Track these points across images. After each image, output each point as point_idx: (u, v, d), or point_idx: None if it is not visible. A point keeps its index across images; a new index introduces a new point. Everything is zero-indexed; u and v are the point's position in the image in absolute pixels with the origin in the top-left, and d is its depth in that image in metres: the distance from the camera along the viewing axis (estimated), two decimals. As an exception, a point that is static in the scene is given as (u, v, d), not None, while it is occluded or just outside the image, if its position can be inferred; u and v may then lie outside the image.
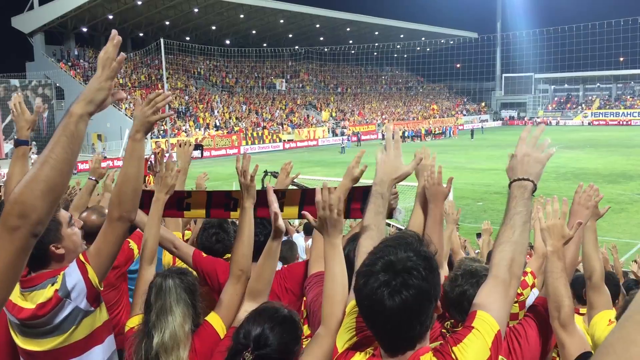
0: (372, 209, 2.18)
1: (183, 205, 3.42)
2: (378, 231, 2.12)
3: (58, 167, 1.57)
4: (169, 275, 2.54)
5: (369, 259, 1.69)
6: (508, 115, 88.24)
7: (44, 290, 2.53)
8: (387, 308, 1.58)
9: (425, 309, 1.63)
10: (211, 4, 56.17)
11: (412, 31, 78.16)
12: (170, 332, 2.41)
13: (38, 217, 1.53)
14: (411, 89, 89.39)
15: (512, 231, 1.89)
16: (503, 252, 1.88)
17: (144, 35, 62.46)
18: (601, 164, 34.16)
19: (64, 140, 1.62)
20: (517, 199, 1.94)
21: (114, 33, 1.87)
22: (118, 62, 1.84)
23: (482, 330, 1.68)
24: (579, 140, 50.88)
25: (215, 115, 55.90)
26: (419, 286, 1.59)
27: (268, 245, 2.73)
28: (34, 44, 55.10)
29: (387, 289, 1.58)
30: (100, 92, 1.78)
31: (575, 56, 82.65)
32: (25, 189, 1.52)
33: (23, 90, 45.42)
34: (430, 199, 2.95)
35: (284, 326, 2.16)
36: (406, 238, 1.71)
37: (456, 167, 33.59)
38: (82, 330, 2.63)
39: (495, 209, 21.09)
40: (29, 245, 1.55)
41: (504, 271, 1.84)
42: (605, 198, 15.32)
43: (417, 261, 1.62)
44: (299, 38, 73.81)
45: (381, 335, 1.69)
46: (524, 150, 2.01)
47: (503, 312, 1.78)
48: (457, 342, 1.66)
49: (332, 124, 62.04)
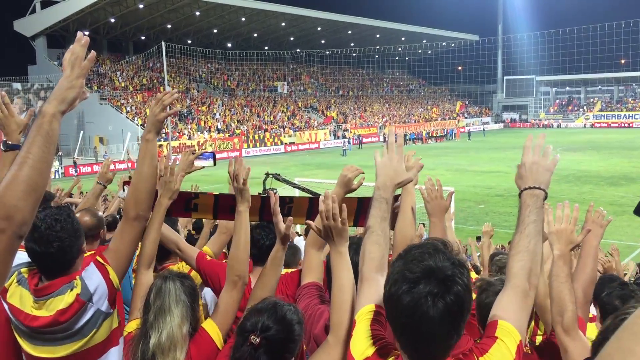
0: (377, 214, 2.10)
1: (191, 206, 3.44)
2: (384, 237, 2.08)
3: (37, 167, 1.58)
4: (170, 278, 2.52)
5: (404, 266, 1.63)
6: (510, 118, 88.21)
7: (63, 296, 2.49)
8: (430, 317, 1.54)
9: (464, 318, 1.61)
10: (213, 7, 56.28)
11: (414, 34, 78.24)
12: (168, 333, 2.38)
13: (22, 218, 1.52)
14: (413, 92, 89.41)
15: (528, 240, 1.87)
16: (521, 261, 1.85)
17: (146, 38, 62.57)
18: (603, 167, 34.11)
19: (40, 140, 1.62)
20: (530, 207, 1.92)
21: (79, 35, 1.89)
22: (89, 61, 1.86)
23: (506, 340, 1.67)
24: (581, 142, 50.83)
25: (217, 118, 55.94)
26: (461, 295, 1.57)
27: (274, 252, 2.71)
28: (36, 47, 55.28)
29: (431, 298, 1.54)
30: (71, 91, 1.80)
31: (576, 58, 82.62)
32: (6, 190, 1.52)
33: (25, 94, 45.49)
34: (431, 212, 2.97)
35: (287, 313, 2.15)
36: (436, 245, 1.67)
37: (457, 170, 33.59)
38: (102, 333, 2.60)
39: (497, 212, 21.08)
40: (15, 247, 1.55)
41: (524, 281, 1.83)
42: (607, 200, 15.38)
43: (456, 269, 1.59)
44: (301, 41, 73.87)
45: (414, 345, 1.63)
46: (531, 159, 2.01)
47: (523, 322, 1.78)
48: (482, 352, 1.65)
49: (334, 126, 62.05)
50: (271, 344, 2.07)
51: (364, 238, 2.12)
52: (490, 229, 7.13)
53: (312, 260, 2.72)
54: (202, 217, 3.65)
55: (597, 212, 2.92)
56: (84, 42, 1.86)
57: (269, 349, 2.06)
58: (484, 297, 2.65)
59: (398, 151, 2.23)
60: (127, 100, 52.47)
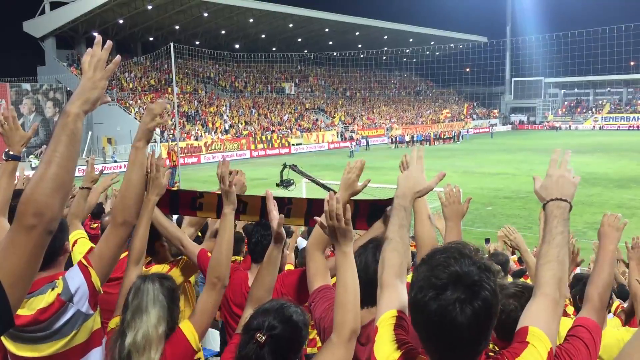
0: (396, 222, 2.13)
1: (196, 205, 3.50)
2: (403, 244, 2.10)
3: (64, 165, 1.64)
4: (149, 278, 2.56)
5: (429, 272, 1.62)
6: (518, 120, 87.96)
7: (44, 295, 2.53)
8: (458, 323, 1.54)
9: (492, 324, 1.62)
10: (221, 8, 56.42)
11: (422, 35, 78.11)
12: (143, 332, 2.41)
13: (52, 214, 1.59)
14: (420, 93, 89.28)
15: (557, 250, 1.89)
16: (551, 270, 1.87)
17: (154, 39, 62.81)
18: (612, 169, 33.91)
19: (65, 139, 1.68)
20: (557, 218, 1.95)
21: (98, 37, 1.94)
22: (114, 64, 1.92)
23: (537, 345, 1.68)
24: (589, 144, 50.55)
25: (225, 119, 56.08)
26: (489, 300, 1.57)
27: (269, 251, 2.74)
28: (45, 48, 55.57)
29: (459, 304, 1.54)
30: (94, 92, 1.84)
31: (585, 60, 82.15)
32: (36, 188, 1.59)
33: (34, 94, 45.74)
34: (448, 216, 2.99)
35: (293, 314, 2.18)
36: (460, 249, 1.66)
37: (465, 172, 33.50)
38: (82, 334, 2.64)
39: (504, 214, 20.99)
40: (45, 243, 1.61)
41: (554, 290, 1.84)
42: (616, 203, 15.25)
43: (483, 274, 1.59)
44: (308, 42, 73.95)
45: (442, 351, 1.63)
46: (559, 172, 2.05)
47: (554, 330, 1.78)
48: (514, 356, 1.66)
49: (341, 128, 62.06)
50: (277, 343, 2.09)
51: (383, 245, 2.14)
52: (503, 235, 6.99)
53: (318, 262, 2.72)
54: (207, 216, 3.70)
55: (612, 216, 2.90)
56: (107, 46, 1.92)
57: (274, 348, 2.08)
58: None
59: (419, 162, 2.29)
60: (136, 101, 52.68)
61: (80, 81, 1.86)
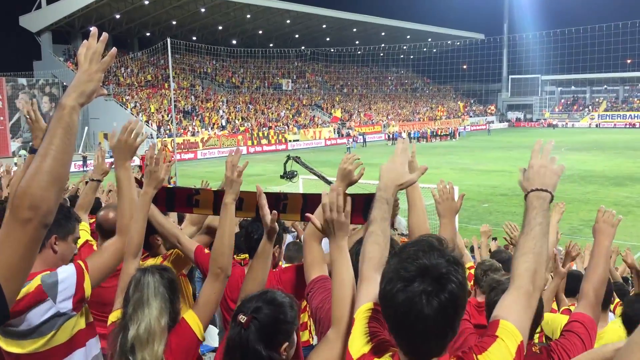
0: (378, 214, 2.12)
1: (192, 202, 3.50)
2: (384, 237, 2.09)
3: (59, 158, 1.63)
4: (149, 270, 2.56)
5: (398, 265, 1.65)
6: (515, 117, 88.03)
7: (29, 285, 2.51)
8: (425, 315, 1.56)
9: (459, 315, 1.63)
10: (218, 4, 56.27)
11: (419, 32, 78.06)
12: (146, 325, 2.40)
13: (48, 207, 1.59)
14: (417, 90, 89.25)
15: (534, 242, 1.87)
16: (527, 262, 1.85)
17: (151, 34, 62.63)
18: (608, 167, 33.98)
19: (61, 131, 1.66)
20: (537, 209, 1.92)
21: (93, 30, 1.93)
22: (110, 56, 1.89)
23: (506, 339, 1.67)
24: (586, 142, 50.66)
25: (221, 114, 55.99)
26: (455, 292, 1.58)
27: (261, 246, 2.76)
28: (42, 43, 55.33)
29: (426, 296, 1.56)
30: (90, 84, 1.82)
31: (582, 58, 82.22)
32: (31, 181, 1.58)
33: (30, 89, 45.59)
34: (442, 213, 2.99)
35: (277, 296, 2.20)
36: (431, 242, 1.68)
37: (462, 169, 33.56)
38: (62, 335, 2.64)
39: (501, 211, 21.02)
40: (41, 236, 1.61)
41: (528, 282, 1.82)
42: (612, 201, 15.33)
43: (451, 267, 1.60)
44: (306, 38, 73.83)
45: (410, 342, 1.66)
46: (539, 162, 2.03)
47: (526, 323, 1.77)
48: (481, 350, 1.66)
49: (339, 124, 62.01)
50: (261, 324, 2.09)
51: (364, 238, 2.13)
52: (487, 230, 7.15)
53: (315, 253, 2.71)
54: (203, 212, 3.69)
55: (607, 212, 2.91)
56: (103, 38, 1.90)
57: (258, 329, 2.09)
58: (493, 295, 2.66)
59: (402, 154, 2.26)
60: (132, 96, 52.53)
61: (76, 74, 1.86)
